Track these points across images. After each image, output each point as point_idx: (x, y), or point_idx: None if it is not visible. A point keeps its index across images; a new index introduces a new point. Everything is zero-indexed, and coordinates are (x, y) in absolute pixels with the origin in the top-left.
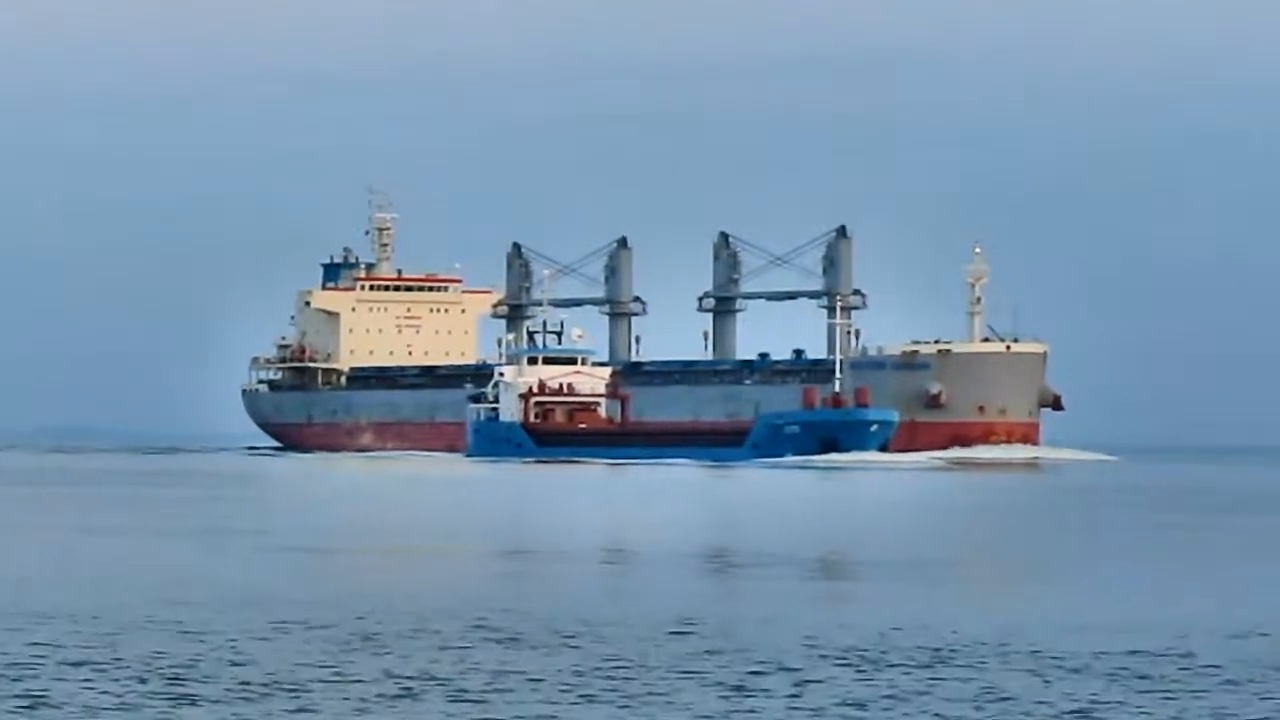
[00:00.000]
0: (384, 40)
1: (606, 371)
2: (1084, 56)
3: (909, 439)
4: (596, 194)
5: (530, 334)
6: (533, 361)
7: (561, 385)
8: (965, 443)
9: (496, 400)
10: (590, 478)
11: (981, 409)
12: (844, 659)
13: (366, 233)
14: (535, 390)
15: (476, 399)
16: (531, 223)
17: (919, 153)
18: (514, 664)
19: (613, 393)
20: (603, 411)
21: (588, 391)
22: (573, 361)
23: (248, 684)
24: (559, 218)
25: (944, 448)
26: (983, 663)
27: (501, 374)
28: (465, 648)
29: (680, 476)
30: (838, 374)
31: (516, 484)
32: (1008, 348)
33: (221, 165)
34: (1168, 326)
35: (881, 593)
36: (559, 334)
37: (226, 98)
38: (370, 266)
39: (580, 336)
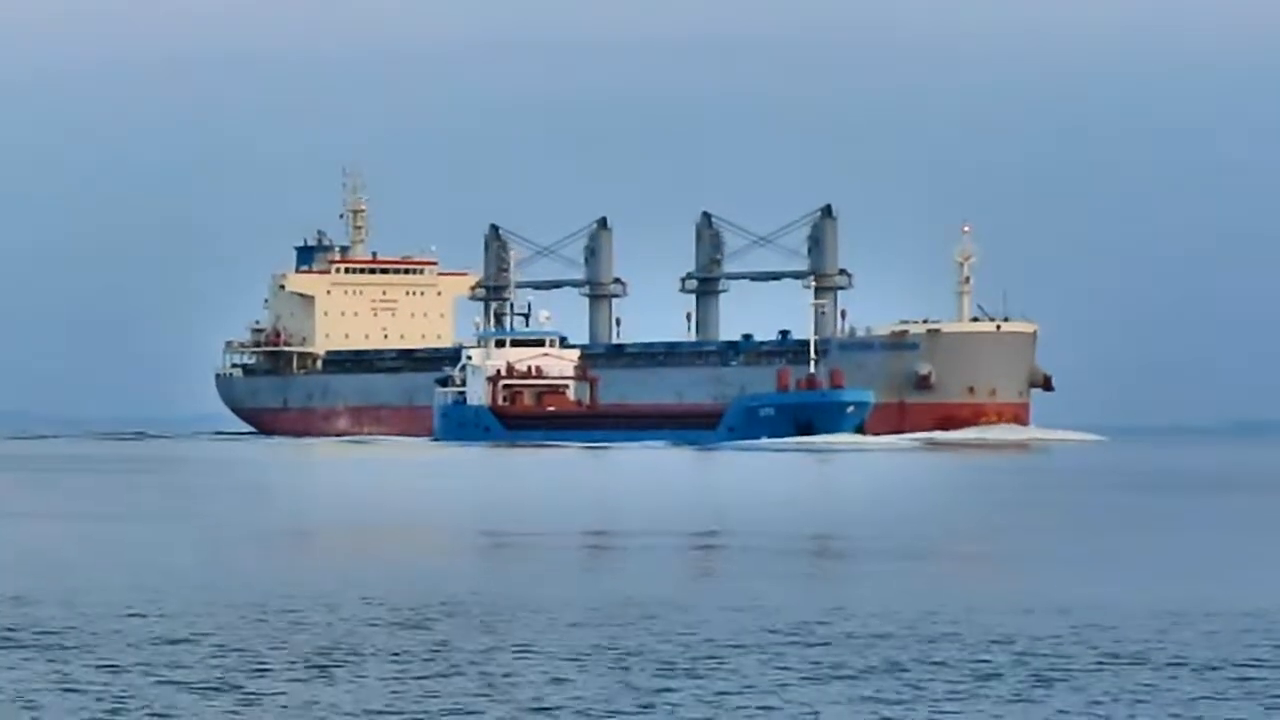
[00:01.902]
0: (358, 23)
1: (575, 354)
2: (1073, 35)
3: (898, 420)
4: (576, 175)
5: (497, 316)
6: (500, 344)
7: (530, 368)
8: (956, 424)
9: (464, 384)
10: (568, 461)
11: (971, 390)
12: (796, 639)
13: (341, 215)
14: (503, 373)
15: (444, 382)
16: (510, 204)
17: (906, 132)
18: (485, 648)
19: (581, 375)
20: (571, 394)
21: (556, 374)
22: (540, 344)
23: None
24: (538, 199)
25: (935, 429)
26: (933, 642)
27: (469, 357)
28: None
29: (659, 460)
30: (813, 355)
31: (490, 467)
32: (998, 328)
33: (192, 148)
34: (1160, 304)
35: (831, 576)
36: (526, 316)
37: (195, 80)
38: (345, 249)
39: (548, 318)
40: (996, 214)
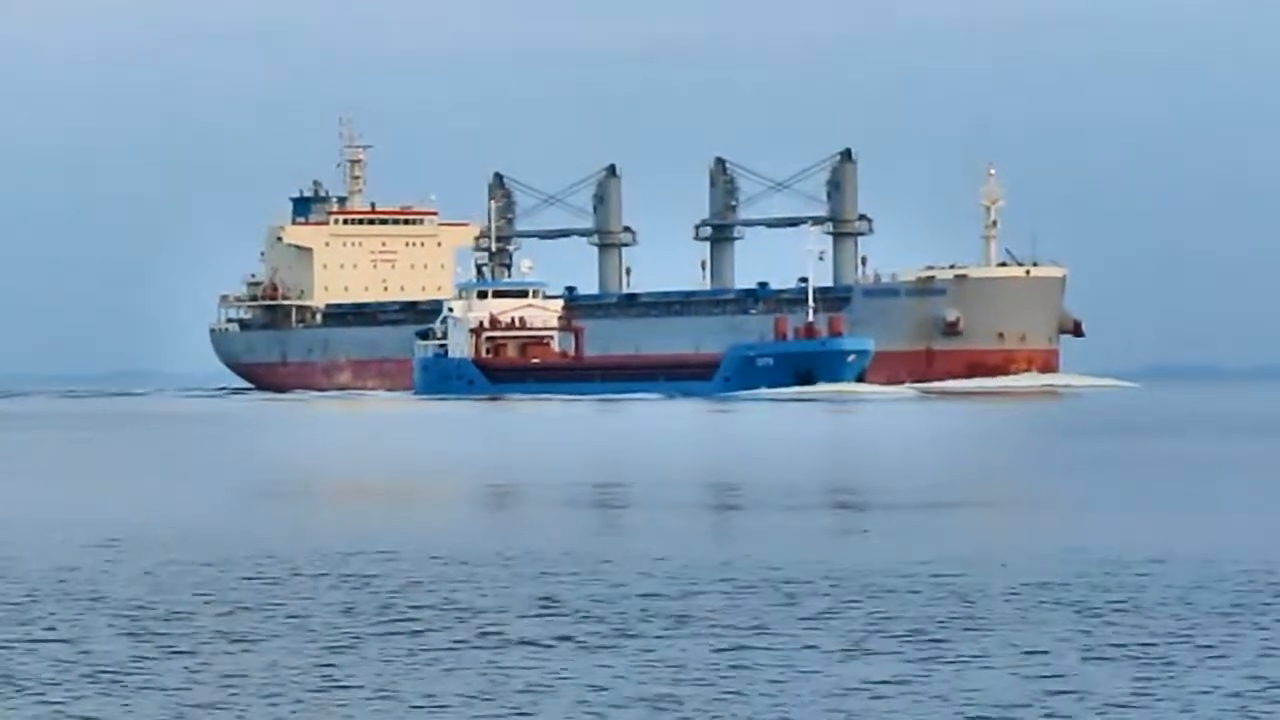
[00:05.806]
0: None
1: (559, 304)
2: None
3: (926, 367)
4: (583, 120)
5: (479, 267)
6: (482, 295)
7: (513, 319)
8: (985, 371)
9: (445, 336)
10: (573, 414)
11: (1001, 336)
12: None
13: (338, 165)
14: (486, 325)
15: (425, 335)
16: (515, 152)
17: (925, 72)
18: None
19: (566, 326)
20: (556, 345)
21: (540, 325)
22: (524, 294)
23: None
24: (544, 146)
25: (963, 376)
26: (911, 594)
27: (450, 309)
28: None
29: (674, 412)
30: (811, 302)
31: (476, 427)
32: (1027, 272)
33: (186, 96)
34: (1192, 246)
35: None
36: (509, 266)
37: (191, 28)
38: (342, 200)
39: (530, 268)
40: (1020, 156)
